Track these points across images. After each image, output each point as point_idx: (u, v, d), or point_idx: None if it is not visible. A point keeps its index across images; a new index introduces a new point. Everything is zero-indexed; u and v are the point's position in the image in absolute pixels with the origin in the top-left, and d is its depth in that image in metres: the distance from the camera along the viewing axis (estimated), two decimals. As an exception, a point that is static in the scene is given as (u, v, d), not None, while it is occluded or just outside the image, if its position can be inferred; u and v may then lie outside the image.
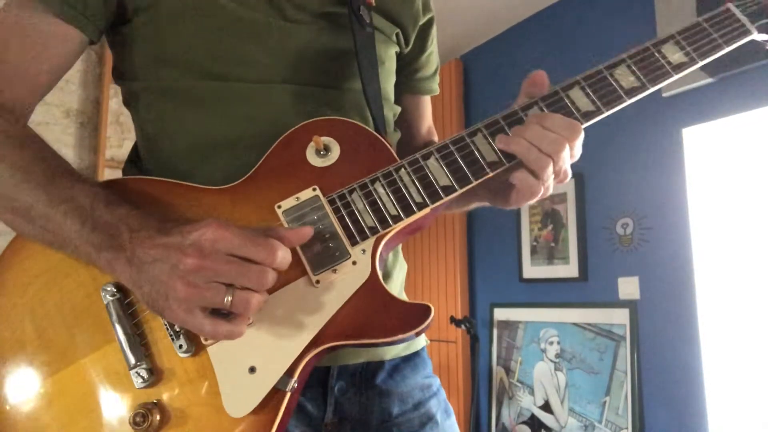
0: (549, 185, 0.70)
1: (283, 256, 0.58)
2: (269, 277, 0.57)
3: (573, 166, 0.83)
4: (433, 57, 0.98)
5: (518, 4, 2.84)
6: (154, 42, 0.74)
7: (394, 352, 0.82)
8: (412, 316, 0.63)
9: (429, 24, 0.94)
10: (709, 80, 2.10)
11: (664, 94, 2.23)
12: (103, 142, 2.64)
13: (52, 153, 0.67)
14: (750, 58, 1.98)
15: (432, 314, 0.63)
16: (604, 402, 2.33)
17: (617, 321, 2.34)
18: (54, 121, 2.60)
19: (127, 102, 0.81)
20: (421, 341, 0.88)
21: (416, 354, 0.86)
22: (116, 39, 0.78)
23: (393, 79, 0.89)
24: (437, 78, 1.01)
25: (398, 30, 0.87)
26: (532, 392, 2.67)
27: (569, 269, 2.57)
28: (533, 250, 2.78)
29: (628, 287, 2.33)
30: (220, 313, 0.57)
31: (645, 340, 2.25)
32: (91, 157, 2.66)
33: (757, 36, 0.75)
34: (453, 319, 2.89)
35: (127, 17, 0.74)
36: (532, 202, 0.72)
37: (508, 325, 2.85)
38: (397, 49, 0.89)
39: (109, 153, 2.69)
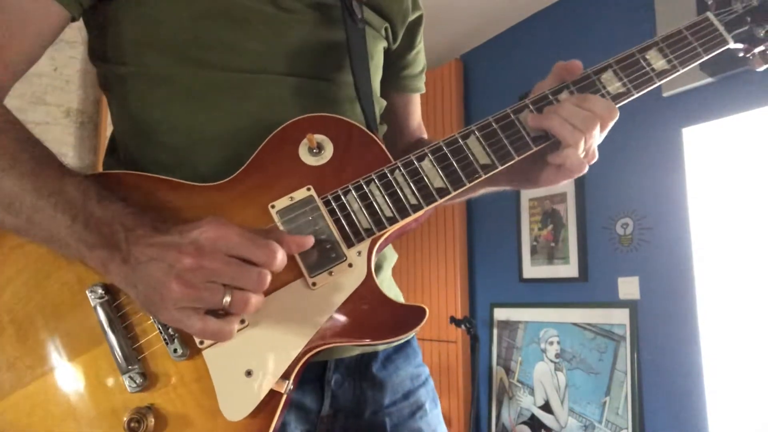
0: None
1: (282, 259, 0.57)
2: (268, 279, 0.56)
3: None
4: (420, 56, 0.98)
5: (518, 4, 2.84)
6: (140, 24, 0.71)
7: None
8: (408, 317, 0.64)
9: (418, 22, 0.93)
10: (709, 80, 2.09)
11: (664, 94, 2.22)
12: (103, 142, 2.64)
13: (34, 139, 0.63)
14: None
15: (426, 316, 0.64)
16: (604, 402, 2.33)
17: (617, 321, 2.34)
18: (54, 121, 2.60)
19: (107, 85, 0.77)
20: None
21: (407, 343, 0.87)
22: (97, 18, 0.73)
23: (380, 74, 0.89)
24: (423, 77, 1.01)
25: (387, 24, 0.87)
26: (532, 392, 2.66)
27: (569, 269, 2.57)
28: (533, 250, 2.78)
29: (628, 287, 2.33)
30: (213, 313, 0.55)
31: (645, 340, 2.24)
32: (91, 157, 2.66)
33: (732, 45, 0.79)
34: (453, 319, 2.89)
35: None
36: (572, 179, 0.74)
37: (508, 325, 2.85)
38: (386, 44, 0.89)
39: (109, 153, 2.69)
